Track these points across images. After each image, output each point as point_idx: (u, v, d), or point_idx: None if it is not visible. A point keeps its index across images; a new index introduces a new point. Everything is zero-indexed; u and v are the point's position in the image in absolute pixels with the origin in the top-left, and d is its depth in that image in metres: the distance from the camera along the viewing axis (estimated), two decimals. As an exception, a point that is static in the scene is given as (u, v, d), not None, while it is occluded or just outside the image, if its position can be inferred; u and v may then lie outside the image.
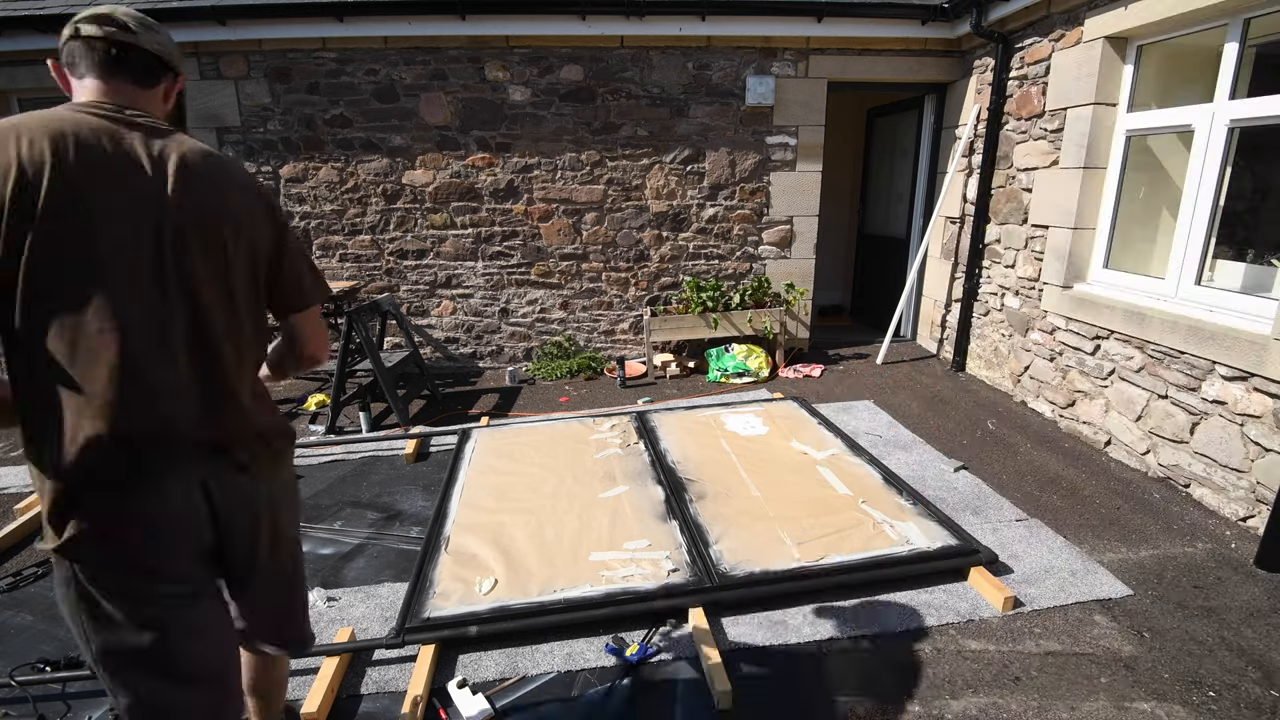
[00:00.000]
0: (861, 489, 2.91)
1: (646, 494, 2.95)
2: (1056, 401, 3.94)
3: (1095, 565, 2.47)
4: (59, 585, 1.09)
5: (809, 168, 5.22)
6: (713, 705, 1.86)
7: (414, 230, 5.17)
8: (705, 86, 4.97)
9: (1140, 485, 3.13)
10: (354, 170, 5.01)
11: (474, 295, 5.35)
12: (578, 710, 1.86)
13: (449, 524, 2.74)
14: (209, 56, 4.76)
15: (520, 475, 3.20)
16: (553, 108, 4.95)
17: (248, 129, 4.90)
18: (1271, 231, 3.44)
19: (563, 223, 5.21)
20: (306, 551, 2.72)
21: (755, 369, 4.94)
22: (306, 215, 5.10)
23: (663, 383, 5.01)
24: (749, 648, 2.08)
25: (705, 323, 5.08)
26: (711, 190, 5.21)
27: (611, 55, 4.88)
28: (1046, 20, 3.92)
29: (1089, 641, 2.08)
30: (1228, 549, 2.58)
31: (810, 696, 1.89)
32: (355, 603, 2.37)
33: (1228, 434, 2.79)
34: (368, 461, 3.64)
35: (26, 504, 3.15)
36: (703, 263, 5.39)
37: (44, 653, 2.14)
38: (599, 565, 2.41)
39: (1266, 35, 2.99)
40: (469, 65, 4.83)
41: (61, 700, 1.95)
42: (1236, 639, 2.08)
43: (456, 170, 5.05)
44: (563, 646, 2.10)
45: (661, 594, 2.22)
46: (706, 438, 3.57)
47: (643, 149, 5.08)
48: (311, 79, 4.82)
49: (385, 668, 2.04)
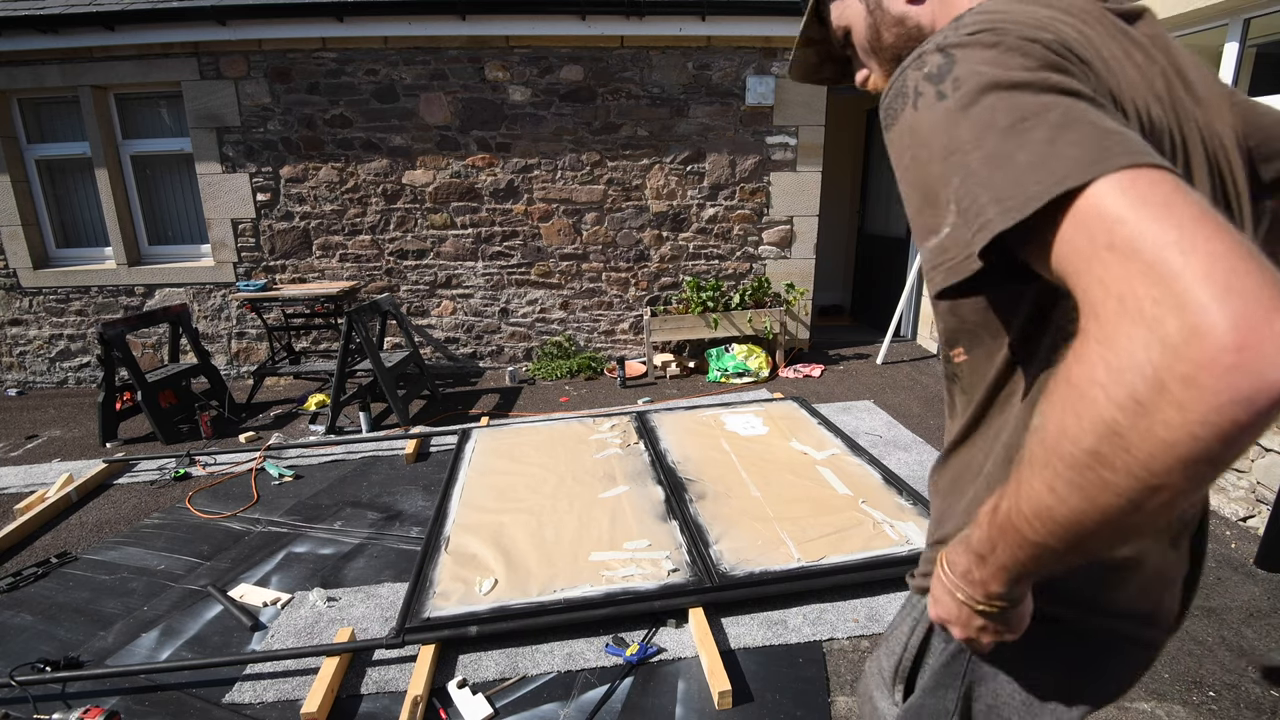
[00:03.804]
0: (862, 489, 2.91)
1: (646, 494, 2.95)
2: (1056, 401, 3.93)
3: (1095, 565, 2.46)
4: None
5: (809, 168, 5.22)
6: (713, 705, 1.86)
7: (414, 230, 5.17)
8: (705, 86, 4.97)
9: (1140, 485, 3.13)
10: (354, 170, 5.01)
11: (474, 295, 5.34)
12: (578, 710, 1.86)
13: (449, 524, 2.74)
14: (209, 56, 4.76)
15: (520, 475, 3.20)
16: (553, 108, 4.95)
17: (248, 129, 4.90)
18: (1271, 231, 3.45)
19: (563, 223, 5.21)
20: (306, 551, 2.73)
21: (755, 369, 4.94)
22: (306, 215, 5.10)
23: (663, 383, 5.01)
24: (749, 648, 2.08)
25: (705, 323, 5.08)
26: (711, 190, 5.21)
27: (611, 55, 4.87)
28: (1046, 20, 3.92)
29: (1089, 641, 2.08)
30: (1228, 549, 2.58)
31: (810, 697, 1.89)
32: (355, 603, 2.37)
33: (1228, 434, 2.78)
34: (368, 461, 3.64)
35: (27, 504, 3.15)
36: (703, 263, 5.39)
37: (44, 653, 2.14)
38: (599, 565, 2.41)
39: (1266, 35, 3.00)
40: (469, 65, 4.83)
41: (61, 700, 1.95)
42: (1236, 639, 2.08)
43: (456, 170, 5.05)
44: (563, 646, 2.10)
45: (661, 594, 2.22)
46: (706, 438, 3.57)
47: (643, 149, 5.07)
48: (311, 79, 4.82)
49: (385, 668, 2.04)
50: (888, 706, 0.90)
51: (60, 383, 5.43)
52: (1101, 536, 0.45)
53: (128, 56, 4.75)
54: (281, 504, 3.16)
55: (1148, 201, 0.40)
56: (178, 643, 2.20)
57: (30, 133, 5.08)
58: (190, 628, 2.28)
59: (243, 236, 5.12)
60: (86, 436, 4.20)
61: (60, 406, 4.88)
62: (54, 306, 5.24)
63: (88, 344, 5.31)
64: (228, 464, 3.65)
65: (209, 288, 5.23)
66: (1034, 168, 0.44)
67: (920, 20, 0.72)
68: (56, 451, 3.99)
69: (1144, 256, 0.39)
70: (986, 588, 0.57)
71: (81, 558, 2.74)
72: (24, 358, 5.37)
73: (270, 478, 3.45)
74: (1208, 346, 0.35)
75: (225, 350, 5.37)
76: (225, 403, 4.46)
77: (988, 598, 0.58)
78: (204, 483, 3.43)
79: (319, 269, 5.23)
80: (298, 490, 3.31)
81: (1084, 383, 0.40)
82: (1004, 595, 0.57)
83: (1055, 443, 0.43)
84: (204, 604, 2.40)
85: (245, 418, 4.45)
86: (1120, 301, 0.39)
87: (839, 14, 0.81)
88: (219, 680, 2.02)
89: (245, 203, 5.04)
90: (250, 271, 5.19)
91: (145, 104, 5.09)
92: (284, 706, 1.91)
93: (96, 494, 3.36)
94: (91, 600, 2.44)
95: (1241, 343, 0.34)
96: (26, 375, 5.41)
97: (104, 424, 4.01)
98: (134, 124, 5.12)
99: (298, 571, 2.59)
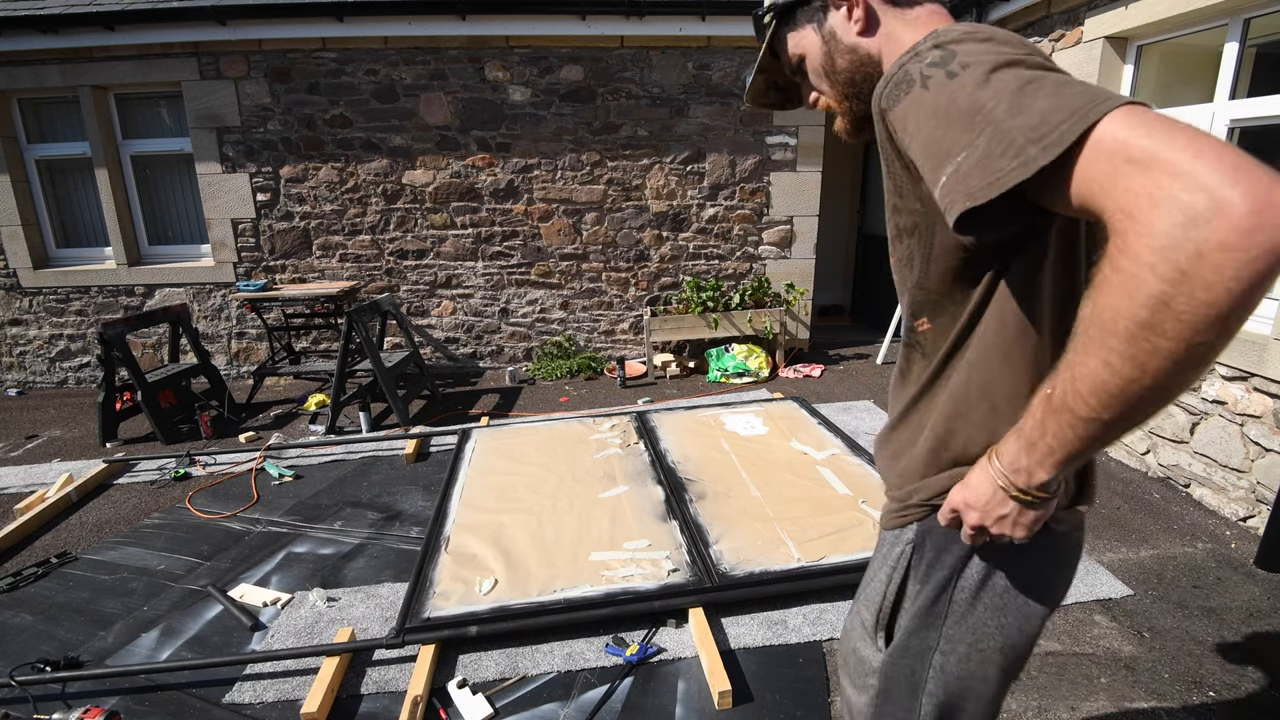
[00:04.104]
0: (861, 489, 2.91)
1: (646, 494, 2.95)
2: (1056, 401, 3.93)
3: (1095, 565, 2.46)
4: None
5: (809, 168, 5.22)
6: (713, 705, 1.86)
7: (414, 230, 5.17)
8: (705, 86, 4.97)
9: (1140, 485, 3.13)
10: (354, 170, 5.01)
11: (474, 295, 5.34)
12: (578, 710, 1.86)
13: (449, 524, 2.74)
14: (209, 56, 4.76)
15: (520, 475, 3.20)
16: (553, 108, 4.95)
17: (248, 129, 4.90)
18: (1271, 231, 3.46)
19: (563, 223, 5.21)
20: (306, 551, 2.73)
21: (755, 369, 4.94)
22: (306, 215, 5.10)
23: (663, 383, 5.01)
24: (749, 648, 2.08)
25: (705, 323, 5.08)
26: (711, 190, 5.21)
27: (611, 55, 4.88)
28: (1046, 20, 3.92)
29: (1089, 641, 2.08)
30: (1228, 549, 2.58)
31: (810, 697, 1.89)
32: (355, 603, 2.37)
33: (1228, 434, 2.79)
34: (368, 461, 3.64)
35: (27, 504, 3.15)
36: (703, 263, 5.39)
37: (44, 653, 2.14)
38: (599, 565, 2.41)
39: (1266, 35, 2.99)
40: (469, 65, 4.83)
41: (61, 700, 1.95)
42: (1236, 639, 2.08)
43: (456, 170, 5.05)
44: (563, 646, 2.10)
45: (661, 594, 2.22)
46: (706, 438, 3.57)
47: (643, 149, 5.07)
48: (311, 79, 4.82)
49: (385, 668, 2.04)
50: (872, 654, 0.96)
51: (60, 383, 5.43)
52: (1147, 402, 0.54)
53: (128, 56, 4.75)
54: (281, 504, 3.16)
55: (1148, 125, 0.51)
56: (178, 643, 2.20)
57: (30, 133, 5.08)
58: (190, 628, 2.28)
59: (243, 236, 5.12)
60: (86, 436, 4.20)
61: (60, 406, 4.88)
62: (54, 306, 5.24)
63: (88, 344, 5.31)
64: (228, 464, 3.65)
65: (209, 288, 5.23)
66: (1055, 111, 0.55)
67: (869, 50, 0.86)
68: (56, 451, 3.99)
69: (1162, 161, 0.49)
70: (1032, 475, 0.67)
71: (81, 558, 2.74)
72: (24, 358, 5.37)
73: (270, 478, 3.45)
74: (1232, 216, 0.45)
75: (225, 350, 5.37)
76: (225, 403, 4.46)
77: (1029, 486, 0.68)
78: (204, 483, 3.43)
79: (319, 269, 5.23)
80: (298, 490, 3.31)
81: (1133, 267, 0.50)
82: (1045, 484, 0.67)
83: (1111, 322, 0.53)
84: (204, 604, 2.40)
85: (245, 418, 4.45)
86: (1150, 198, 0.49)
87: (796, 43, 0.93)
88: (219, 680, 2.02)
89: (245, 203, 5.04)
90: (250, 271, 5.19)
91: (145, 104, 5.09)
92: (284, 706, 1.91)
93: (96, 494, 3.36)
94: (91, 600, 2.44)
95: (1256, 209, 0.45)
96: (26, 375, 5.41)
97: (104, 424, 4.01)
98: (134, 124, 5.12)
99: (298, 571, 2.59)
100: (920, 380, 0.87)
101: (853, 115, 0.92)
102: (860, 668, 0.99)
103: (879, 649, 0.95)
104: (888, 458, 0.94)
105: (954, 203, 0.61)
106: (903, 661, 0.91)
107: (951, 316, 0.81)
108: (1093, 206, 0.55)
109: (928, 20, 0.83)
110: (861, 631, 0.99)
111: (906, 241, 0.82)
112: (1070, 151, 0.54)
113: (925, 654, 0.89)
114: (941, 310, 0.81)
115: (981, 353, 0.78)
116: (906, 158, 0.72)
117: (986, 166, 0.58)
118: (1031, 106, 0.57)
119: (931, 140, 0.64)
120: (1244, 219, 0.45)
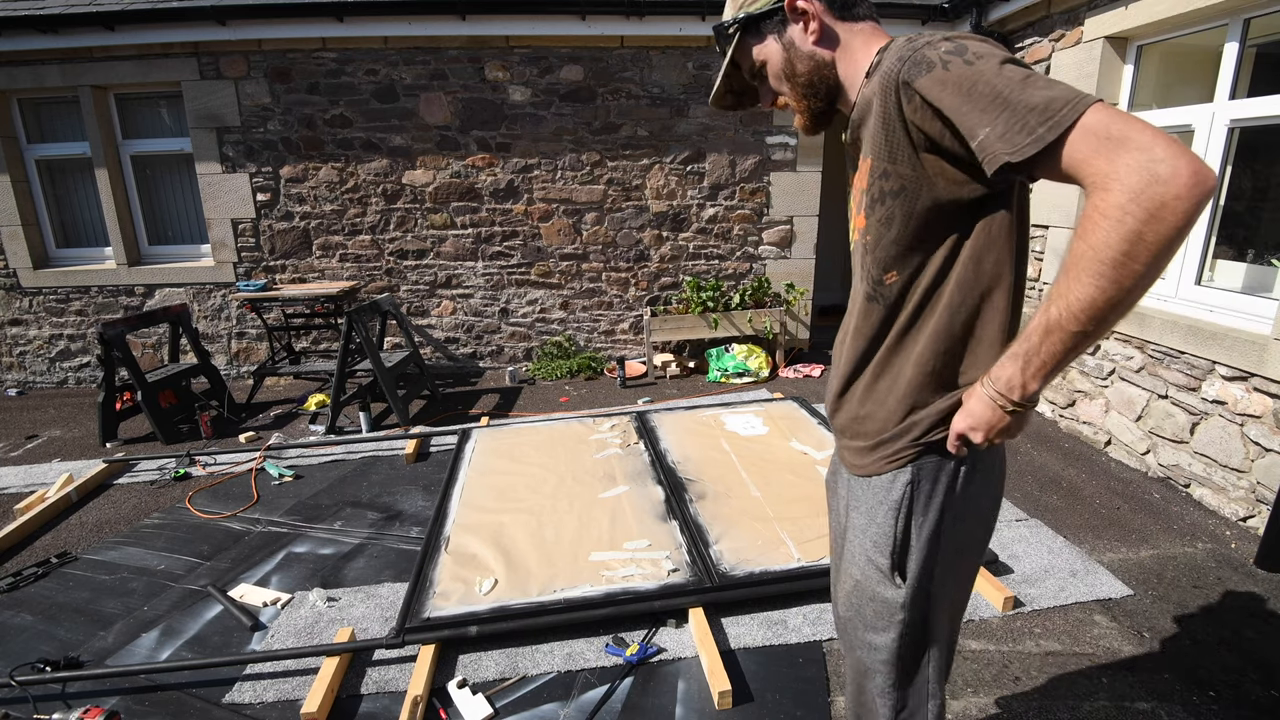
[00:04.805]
0: (861, 489, 2.90)
1: (646, 494, 2.95)
2: (1056, 401, 3.94)
3: (1095, 565, 2.46)
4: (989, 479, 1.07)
5: (809, 168, 5.22)
6: (713, 705, 1.86)
7: (414, 230, 5.17)
8: (705, 86, 4.97)
9: (1140, 485, 3.13)
10: (354, 170, 5.01)
11: (474, 295, 5.34)
12: (578, 710, 1.86)
13: (449, 524, 2.74)
14: (209, 56, 4.76)
15: (520, 475, 3.20)
16: (553, 108, 4.95)
17: (248, 129, 4.90)
18: (1271, 231, 3.44)
19: (563, 223, 5.21)
20: (306, 551, 2.73)
21: (755, 369, 4.94)
22: (306, 215, 5.10)
23: (663, 383, 5.01)
24: (749, 648, 2.08)
25: (705, 323, 5.08)
26: (711, 190, 5.21)
27: (611, 55, 4.88)
28: (1046, 20, 3.92)
29: (1089, 641, 2.08)
30: (1228, 549, 2.58)
31: (810, 697, 1.89)
32: (355, 603, 2.37)
33: (1228, 434, 2.79)
34: (368, 461, 3.64)
35: (27, 504, 3.15)
36: (703, 263, 5.39)
37: (44, 653, 2.14)
38: (599, 565, 2.41)
39: (1266, 35, 2.99)
40: (469, 65, 4.83)
41: (61, 700, 1.95)
42: (1236, 639, 2.08)
43: (456, 170, 5.05)
44: (563, 646, 2.10)
45: (661, 594, 2.22)
46: (706, 438, 3.57)
47: (643, 149, 5.07)
48: (311, 79, 4.82)
49: (385, 668, 2.04)
50: (894, 593, 1.06)
51: (60, 383, 5.43)
52: (1118, 315, 0.75)
53: (128, 56, 4.75)
54: (281, 504, 3.16)
55: (1117, 117, 0.72)
56: (178, 643, 2.20)
57: (30, 133, 5.08)
58: (190, 628, 2.28)
59: (243, 236, 5.12)
60: (86, 436, 4.20)
61: (60, 406, 4.88)
62: (54, 306, 5.24)
63: (88, 344, 5.31)
64: (228, 464, 3.65)
65: (209, 288, 5.23)
66: (1054, 101, 0.74)
67: (824, 56, 1.01)
68: (56, 451, 3.99)
69: (1133, 140, 0.70)
70: (1025, 389, 0.84)
71: (81, 558, 2.74)
72: (24, 358, 5.37)
73: (270, 478, 3.45)
74: (1182, 177, 0.68)
75: (225, 350, 5.37)
76: (225, 403, 4.46)
77: (1023, 398, 0.85)
78: (204, 483, 3.43)
79: (319, 269, 5.23)
80: (298, 490, 3.31)
81: (1117, 212, 0.70)
82: (1034, 396, 0.85)
83: (1100, 252, 0.72)
84: (204, 604, 2.40)
85: (245, 418, 4.45)
86: (1126, 164, 0.70)
87: (759, 52, 1.07)
88: (219, 680, 2.02)
89: (245, 203, 5.04)
90: (250, 271, 5.19)
91: (145, 104, 5.09)
92: (284, 706, 1.91)
93: (96, 494, 3.36)
94: (91, 600, 2.44)
95: (1194, 174, 0.68)
96: (26, 375, 5.41)
97: (104, 424, 4.01)
98: (134, 124, 5.11)
99: (298, 571, 2.59)
100: (886, 329, 1.01)
101: (811, 112, 1.06)
102: (883, 609, 1.07)
103: (898, 585, 1.05)
104: (869, 406, 1.04)
105: (997, 155, 0.77)
106: (926, 585, 1.04)
107: (918, 268, 0.95)
108: (1076, 170, 0.74)
109: (871, 33, 1.01)
110: (879, 576, 1.07)
111: (890, 203, 0.94)
112: (1067, 130, 0.74)
113: (946, 569, 1.04)
114: (908, 264, 0.96)
115: (962, 296, 0.94)
116: (913, 125, 0.86)
117: (1009, 140, 0.76)
118: (1034, 98, 0.75)
119: (961, 110, 0.80)
120: (1189, 179, 0.67)
